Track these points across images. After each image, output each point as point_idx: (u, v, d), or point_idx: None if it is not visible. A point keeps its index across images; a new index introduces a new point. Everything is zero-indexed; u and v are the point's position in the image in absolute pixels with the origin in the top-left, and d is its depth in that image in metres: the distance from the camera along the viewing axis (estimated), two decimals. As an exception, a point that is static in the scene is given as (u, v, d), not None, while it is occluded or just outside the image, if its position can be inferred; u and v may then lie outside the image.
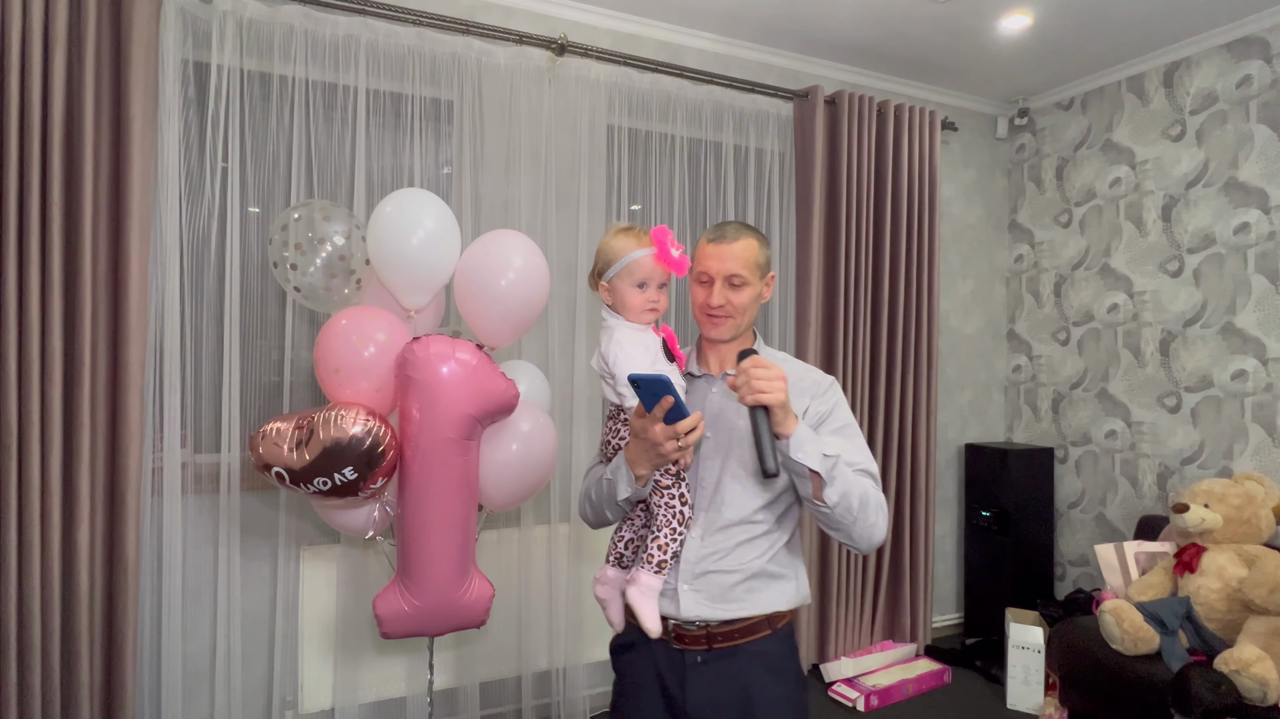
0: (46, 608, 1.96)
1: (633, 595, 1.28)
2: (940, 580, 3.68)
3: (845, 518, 1.22)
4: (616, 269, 1.31)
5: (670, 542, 1.28)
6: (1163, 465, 3.18)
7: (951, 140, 3.68)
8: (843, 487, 1.20)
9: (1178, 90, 3.14)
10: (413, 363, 1.61)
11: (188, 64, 2.19)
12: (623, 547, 1.40)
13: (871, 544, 1.26)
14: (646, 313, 1.31)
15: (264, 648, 2.32)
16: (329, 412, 1.62)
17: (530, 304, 1.77)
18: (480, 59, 2.55)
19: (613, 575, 1.37)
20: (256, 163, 2.29)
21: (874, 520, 1.24)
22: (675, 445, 1.21)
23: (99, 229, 2.03)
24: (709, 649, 1.30)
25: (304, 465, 1.60)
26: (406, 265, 1.72)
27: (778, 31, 3.02)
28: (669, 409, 1.18)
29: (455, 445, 1.62)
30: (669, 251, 1.29)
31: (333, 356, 1.66)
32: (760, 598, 1.31)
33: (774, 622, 1.33)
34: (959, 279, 3.75)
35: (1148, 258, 3.25)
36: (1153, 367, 3.22)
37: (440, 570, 1.67)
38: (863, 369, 3.16)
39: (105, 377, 2.04)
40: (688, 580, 1.30)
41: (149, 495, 2.12)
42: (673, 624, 1.31)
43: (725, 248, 1.32)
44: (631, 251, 1.30)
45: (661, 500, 1.29)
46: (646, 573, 1.27)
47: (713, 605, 1.29)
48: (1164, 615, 2.44)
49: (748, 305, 1.33)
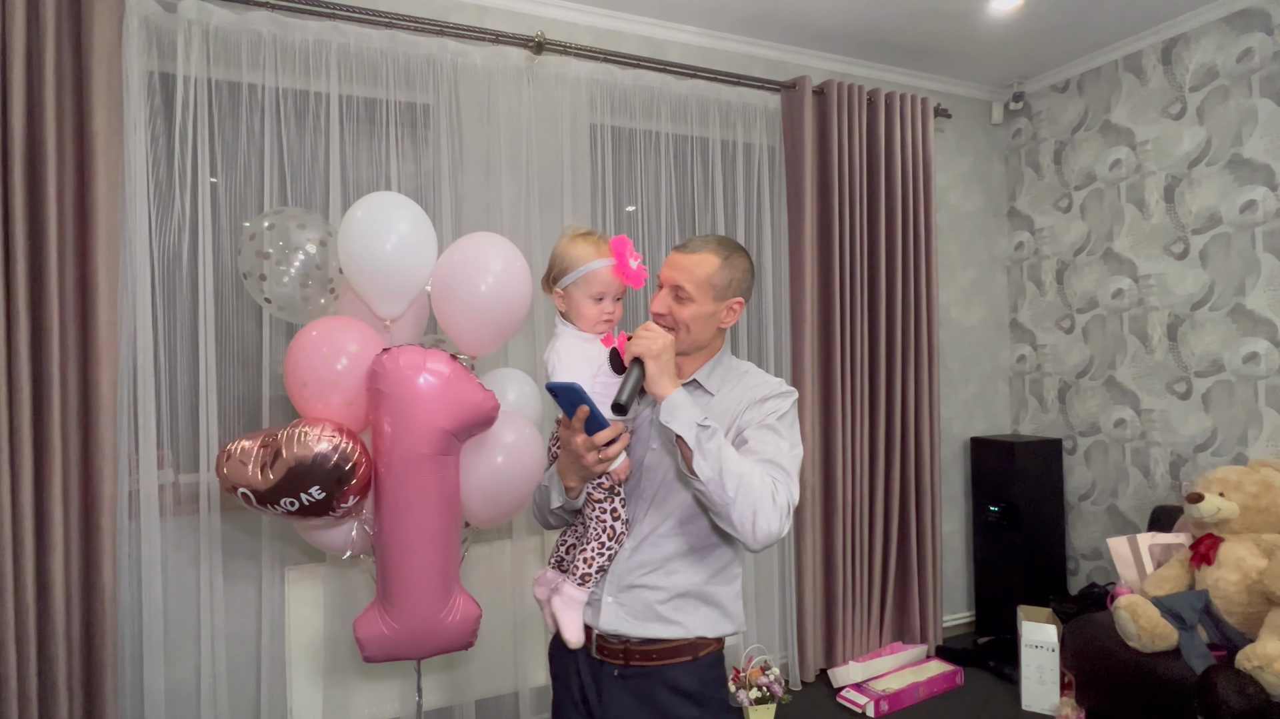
0: (21, 639, 1.90)
1: (555, 605, 1.27)
2: (950, 578, 3.60)
3: (720, 497, 1.12)
4: (573, 278, 1.26)
5: (597, 555, 1.26)
6: (1175, 454, 3.08)
7: (946, 128, 3.60)
8: (717, 462, 1.12)
9: (1177, 67, 3.05)
10: (383, 375, 1.54)
11: (153, 75, 2.14)
12: (564, 550, 1.37)
13: (755, 536, 1.13)
14: (601, 324, 1.28)
15: (251, 671, 2.25)
16: (294, 429, 1.54)
17: (512, 309, 1.69)
18: (456, 60, 2.48)
19: (550, 577, 1.35)
20: (228, 174, 2.24)
21: (757, 507, 1.12)
22: (595, 457, 1.18)
23: (65, 247, 1.97)
24: (626, 665, 1.27)
25: (270, 486, 1.53)
26: (379, 272, 1.65)
27: (762, 22, 2.95)
28: (586, 419, 1.16)
29: (431, 461, 1.55)
30: (628, 264, 1.24)
31: (301, 370, 1.59)
32: (686, 620, 1.26)
33: (697, 649, 1.27)
34: (959, 269, 3.66)
35: (1152, 240, 3.16)
36: (1161, 352, 3.13)
37: (420, 592, 1.59)
38: (862, 365, 3.08)
39: (76, 398, 1.98)
40: (613, 593, 1.27)
41: (125, 519, 2.06)
42: (596, 634, 1.28)
43: (681, 258, 1.28)
44: (590, 261, 1.25)
45: (594, 514, 1.27)
46: (570, 584, 1.26)
47: (633, 622, 1.25)
48: (1182, 610, 2.35)
49: (689, 322, 1.27)
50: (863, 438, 3.09)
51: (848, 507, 3.06)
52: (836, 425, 3.02)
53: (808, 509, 2.99)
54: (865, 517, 3.11)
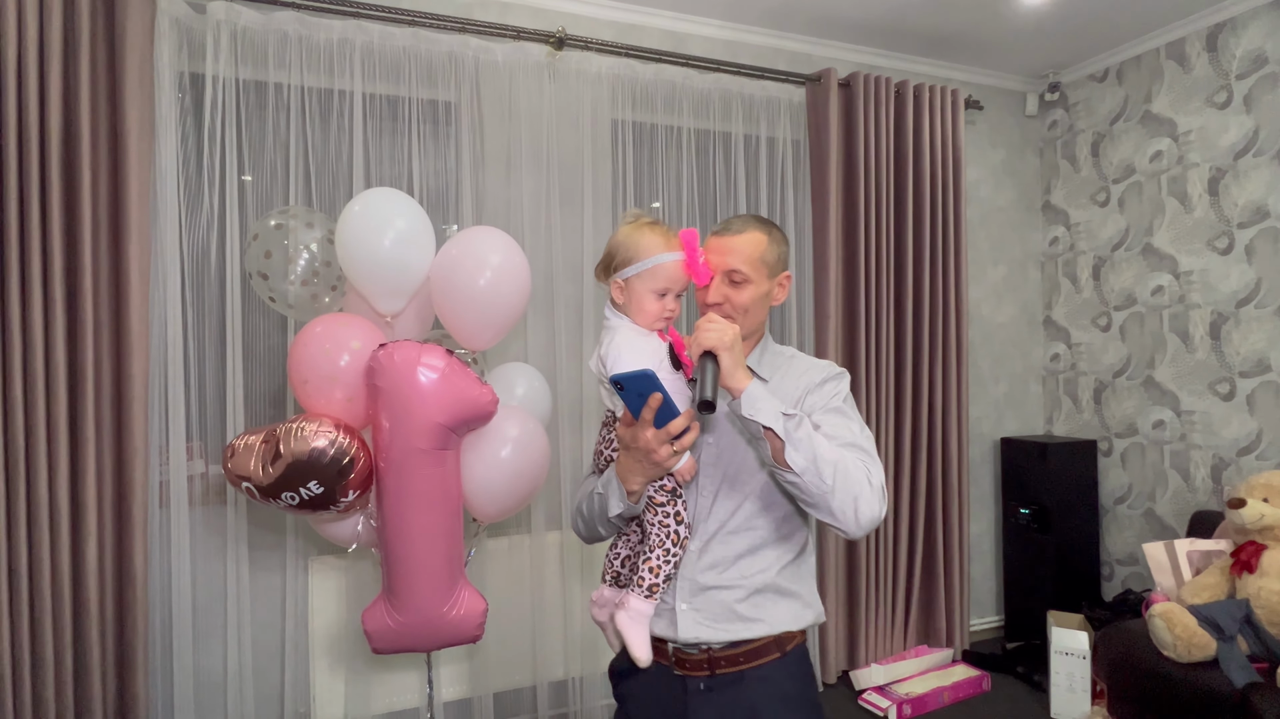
0: (57, 621, 1.97)
1: (621, 621, 1.17)
2: (979, 581, 3.51)
3: (817, 487, 1.07)
4: (638, 269, 1.16)
5: (663, 564, 1.17)
6: (1216, 457, 2.96)
7: (977, 120, 3.51)
8: (810, 451, 1.07)
9: (1222, 54, 2.92)
10: (379, 371, 1.55)
11: (183, 75, 2.19)
12: (619, 564, 1.29)
13: (860, 523, 1.10)
14: (661, 320, 1.18)
15: (275, 659, 2.30)
16: (292, 424, 1.57)
17: (511, 304, 1.69)
18: (478, 57, 2.49)
19: (609, 595, 1.27)
20: (254, 171, 2.28)
21: (857, 493, 1.08)
22: (669, 451, 1.11)
23: (99, 243, 2.03)
24: (712, 675, 1.18)
25: (271, 481, 1.55)
26: (377, 268, 1.65)
27: (787, 14, 2.90)
28: (658, 409, 1.08)
29: (428, 456, 1.55)
30: (697, 259, 1.17)
31: (302, 366, 1.61)
32: (767, 617, 1.19)
33: (783, 644, 1.21)
34: (989, 265, 3.57)
35: (1194, 235, 3.04)
36: (1203, 351, 3.01)
37: (422, 586, 1.60)
38: (887, 362, 3.03)
39: (109, 390, 2.04)
40: (686, 598, 1.19)
41: (156, 508, 2.12)
42: (672, 648, 1.21)
43: (727, 240, 1.21)
44: (659, 254, 1.15)
45: (655, 519, 1.18)
46: (636, 597, 1.17)
47: (714, 626, 1.18)
48: (1220, 619, 2.26)
49: (749, 305, 1.20)
50: (888, 436, 3.03)
51: (871, 507, 3.00)
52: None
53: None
54: (890, 516, 3.05)
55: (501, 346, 2.54)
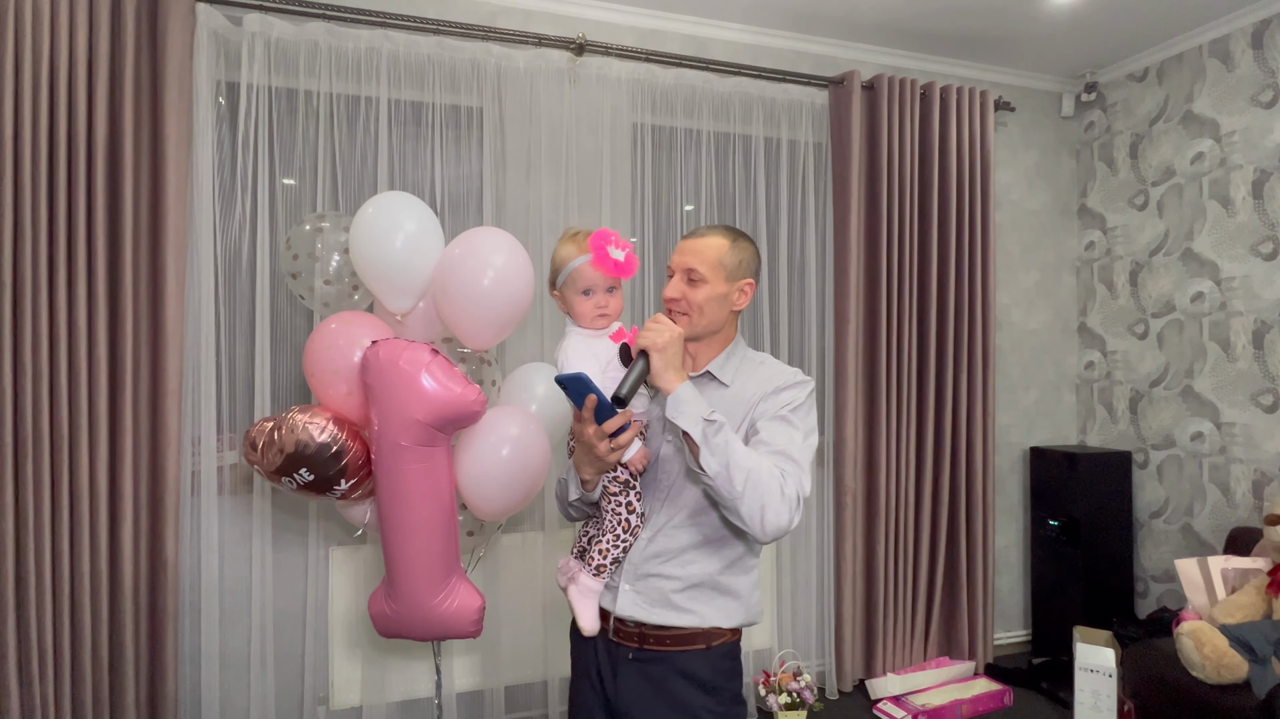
0: (95, 601, 2.09)
1: (571, 593, 1.31)
2: (1005, 595, 3.43)
3: (728, 491, 1.14)
4: (562, 277, 1.30)
5: (611, 548, 1.29)
6: (1259, 472, 2.84)
7: (1009, 121, 3.43)
8: (724, 457, 1.14)
9: (1269, 51, 2.80)
10: (367, 368, 1.61)
11: (219, 84, 2.30)
12: (585, 541, 1.40)
13: (765, 529, 1.16)
14: (598, 319, 1.30)
15: (296, 644, 2.39)
16: (288, 416, 1.67)
17: (514, 304, 1.72)
18: (500, 64, 2.55)
19: (572, 566, 1.38)
20: (285, 176, 2.38)
21: (765, 501, 1.14)
22: (609, 446, 1.21)
23: (139, 245, 2.15)
24: (640, 648, 1.29)
25: (274, 467, 1.67)
26: (387, 269, 1.71)
27: (809, 17, 2.89)
28: (595, 408, 1.18)
29: (411, 452, 1.60)
30: (607, 256, 1.26)
31: (309, 360, 1.68)
32: (699, 610, 1.28)
33: (710, 638, 1.29)
34: (1020, 270, 3.49)
35: (1236, 240, 2.91)
36: (1245, 361, 2.89)
37: (413, 577, 1.66)
38: (909, 368, 2.98)
39: (147, 384, 2.16)
40: (629, 580, 1.30)
41: (188, 496, 2.22)
42: (613, 618, 1.32)
43: (691, 243, 1.32)
44: (571, 260, 1.29)
45: (609, 506, 1.30)
46: (586, 573, 1.31)
47: (648, 609, 1.28)
48: (1253, 641, 2.17)
49: (703, 304, 1.29)
50: (909, 442, 2.99)
51: (891, 512, 2.96)
52: (880, 429, 2.94)
53: (849, 513, 2.92)
54: (910, 524, 3.01)
55: (521, 347, 2.59)
